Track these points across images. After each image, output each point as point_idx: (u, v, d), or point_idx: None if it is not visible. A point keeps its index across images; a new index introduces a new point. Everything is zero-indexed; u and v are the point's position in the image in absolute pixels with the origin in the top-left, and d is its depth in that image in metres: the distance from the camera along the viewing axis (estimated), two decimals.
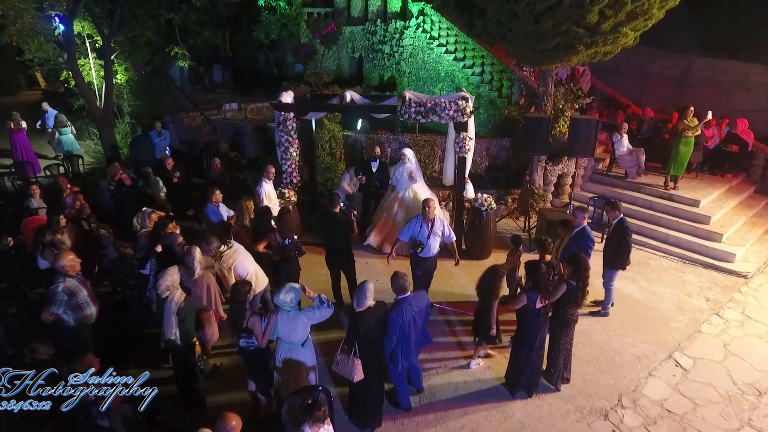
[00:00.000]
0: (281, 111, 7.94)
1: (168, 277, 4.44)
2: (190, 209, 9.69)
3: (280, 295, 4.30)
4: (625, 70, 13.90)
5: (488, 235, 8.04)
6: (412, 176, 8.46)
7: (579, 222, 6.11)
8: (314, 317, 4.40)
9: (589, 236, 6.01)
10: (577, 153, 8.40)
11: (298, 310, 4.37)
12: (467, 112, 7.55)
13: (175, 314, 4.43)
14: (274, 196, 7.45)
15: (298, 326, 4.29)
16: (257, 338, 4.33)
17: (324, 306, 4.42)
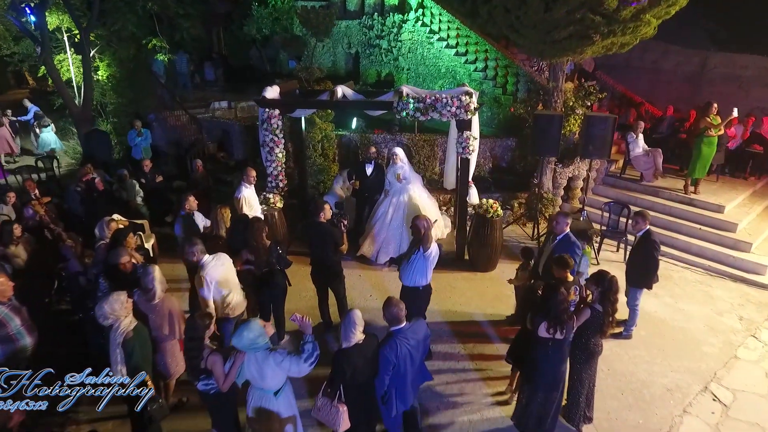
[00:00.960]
0: (265, 108, 7.18)
1: (108, 304, 3.67)
2: (168, 215, 8.93)
3: (242, 332, 3.45)
4: (636, 66, 13.15)
5: (494, 244, 7.27)
6: (401, 178, 7.68)
7: (561, 229, 5.36)
8: (284, 366, 3.47)
9: (575, 243, 5.26)
10: (592, 154, 7.63)
11: (268, 351, 3.53)
12: (471, 108, 6.79)
13: (120, 347, 3.66)
14: (255, 202, 6.68)
15: (266, 372, 3.48)
16: (217, 381, 3.56)
17: (303, 358, 3.45)
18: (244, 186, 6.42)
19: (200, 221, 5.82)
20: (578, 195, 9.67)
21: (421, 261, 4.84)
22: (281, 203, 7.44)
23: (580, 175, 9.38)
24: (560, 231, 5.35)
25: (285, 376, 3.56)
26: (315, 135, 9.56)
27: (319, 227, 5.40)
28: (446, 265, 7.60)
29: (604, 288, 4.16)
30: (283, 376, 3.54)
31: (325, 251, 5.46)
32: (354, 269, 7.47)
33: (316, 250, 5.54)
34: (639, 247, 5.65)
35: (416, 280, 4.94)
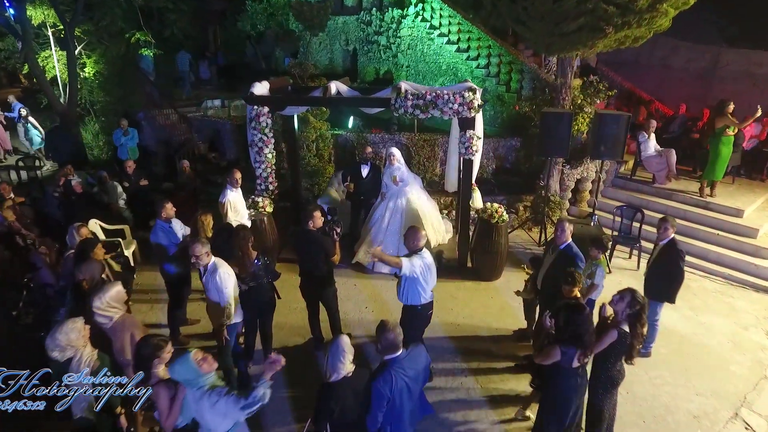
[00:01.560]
0: (253, 105, 6.67)
1: (62, 333, 3.17)
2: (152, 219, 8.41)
3: (174, 366, 2.94)
4: (644, 63, 12.65)
5: (499, 251, 6.77)
6: (398, 181, 7.18)
7: (562, 239, 4.84)
8: (219, 410, 2.87)
9: (577, 255, 4.76)
10: (604, 155, 7.13)
11: (203, 391, 2.92)
12: (475, 105, 6.29)
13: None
14: (242, 207, 6.18)
15: (204, 414, 2.92)
16: (160, 416, 3.05)
17: (242, 404, 2.86)
18: (229, 189, 5.92)
19: (179, 229, 5.31)
20: (587, 198, 9.18)
21: (405, 280, 4.36)
22: (271, 207, 6.94)
23: (588, 176, 8.88)
24: (561, 241, 4.83)
25: (232, 419, 2.99)
26: (309, 134, 9.07)
27: (308, 236, 4.90)
28: (448, 273, 7.11)
29: (634, 309, 3.65)
30: (227, 419, 2.97)
31: (316, 262, 4.96)
32: (349, 278, 6.97)
33: (306, 261, 5.05)
34: (662, 257, 5.14)
35: (409, 299, 4.45)
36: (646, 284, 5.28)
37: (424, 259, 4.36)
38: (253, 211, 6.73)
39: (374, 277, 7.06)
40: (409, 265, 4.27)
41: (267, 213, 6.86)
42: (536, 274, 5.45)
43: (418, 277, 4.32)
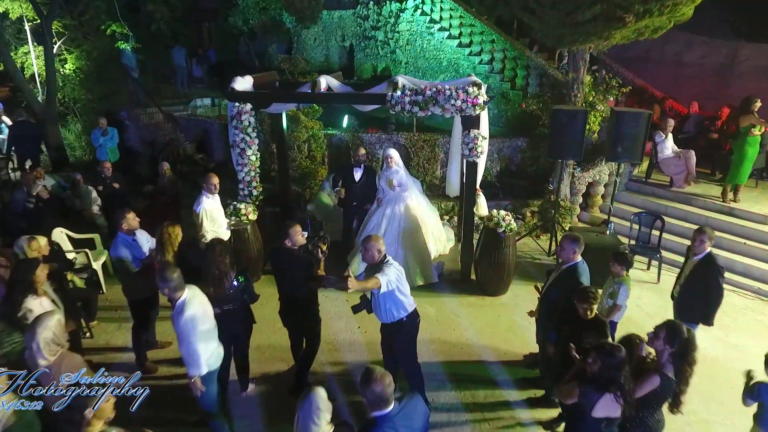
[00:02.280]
0: (234, 102, 6.04)
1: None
2: None
3: None
4: (656, 58, 12.00)
5: (506, 264, 6.13)
6: (395, 185, 6.55)
7: (569, 256, 4.14)
8: None
9: (583, 274, 4.07)
10: (621, 157, 6.47)
11: None
12: (480, 102, 5.65)
13: None
14: (220, 215, 5.53)
15: None
16: None
17: None
18: (205, 196, 5.27)
19: (145, 242, 4.66)
20: (599, 203, 8.54)
21: (383, 297, 3.80)
22: (255, 214, 6.30)
23: (601, 180, 8.24)
24: (569, 259, 4.15)
25: None
26: (299, 134, 8.44)
27: (286, 256, 4.24)
28: (449, 286, 6.48)
29: (679, 347, 3.01)
30: None
31: (296, 286, 4.30)
32: (340, 294, 6.31)
33: (284, 284, 4.38)
34: (697, 273, 4.48)
35: (394, 313, 3.91)
36: (678, 304, 4.63)
37: (393, 264, 3.83)
38: (235, 219, 6.09)
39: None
40: (386, 281, 3.68)
41: (250, 221, 6.22)
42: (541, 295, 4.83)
43: (394, 288, 3.76)
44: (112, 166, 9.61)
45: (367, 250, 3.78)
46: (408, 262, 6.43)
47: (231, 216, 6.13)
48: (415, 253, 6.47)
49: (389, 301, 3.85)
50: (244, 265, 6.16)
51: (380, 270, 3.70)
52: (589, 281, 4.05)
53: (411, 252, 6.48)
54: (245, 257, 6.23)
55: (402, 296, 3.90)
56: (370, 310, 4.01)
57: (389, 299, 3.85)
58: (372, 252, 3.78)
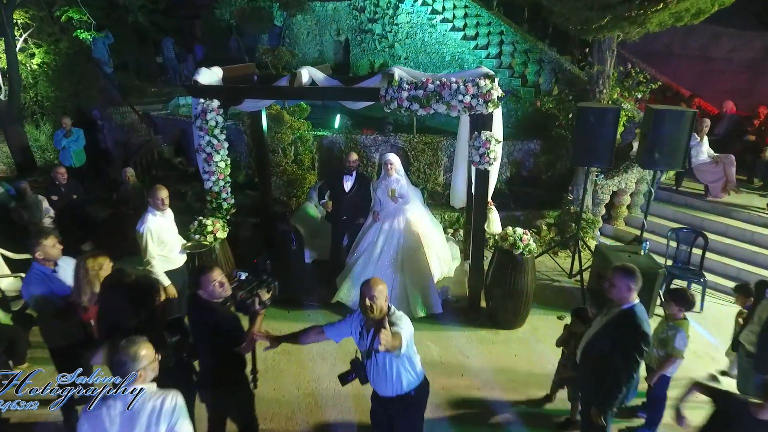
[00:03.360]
0: (198, 98, 5.03)
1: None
2: (86, 242, 6.79)
3: None
4: (679, 53, 10.98)
5: (524, 292, 5.12)
6: (397, 196, 5.57)
7: (623, 295, 3.03)
8: None
9: (643, 330, 2.95)
10: (659, 164, 5.45)
11: None
12: (493, 98, 4.64)
13: None
14: (171, 236, 4.48)
15: None
16: None
17: None
18: (151, 214, 4.25)
19: (70, 274, 3.63)
20: (623, 214, 7.54)
21: (391, 361, 2.82)
22: (224, 232, 5.29)
23: (627, 188, 7.23)
24: (621, 299, 3.07)
25: None
26: (284, 136, 7.44)
27: (202, 311, 3.01)
28: (455, 317, 5.47)
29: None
30: None
31: (214, 352, 3.09)
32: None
33: (203, 351, 3.17)
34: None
35: (404, 383, 2.91)
36: (761, 360, 3.59)
37: (405, 317, 2.88)
38: (199, 238, 5.08)
39: None
40: (405, 341, 2.73)
41: (219, 240, 5.21)
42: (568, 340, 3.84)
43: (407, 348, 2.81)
44: (76, 171, 8.77)
45: (371, 298, 2.74)
46: (407, 289, 5.44)
47: (195, 233, 5.13)
48: (416, 278, 5.47)
49: (399, 365, 2.85)
50: None
51: (394, 324, 2.71)
52: (650, 328, 3.04)
53: (411, 276, 5.48)
54: None
55: (414, 358, 2.95)
56: (365, 379, 2.98)
57: (399, 363, 2.85)
58: (379, 301, 2.75)
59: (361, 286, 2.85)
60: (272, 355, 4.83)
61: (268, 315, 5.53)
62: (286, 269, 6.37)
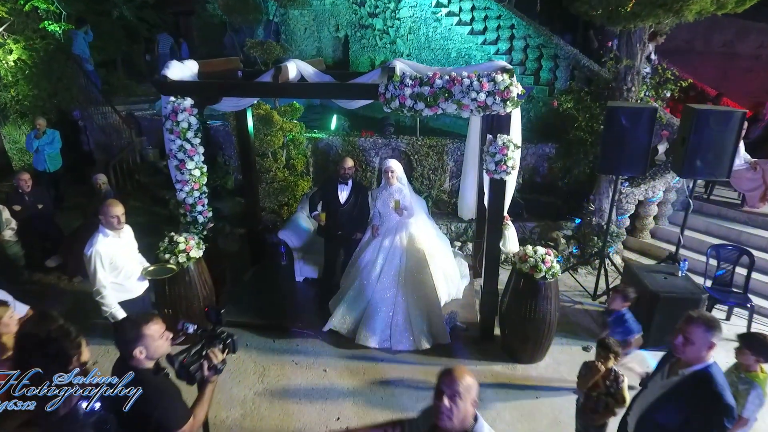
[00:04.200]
0: (168, 95, 4.33)
1: None
2: (52, 257, 6.11)
3: None
4: (701, 49, 10.26)
5: (546, 321, 4.40)
6: (401, 208, 4.87)
7: (699, 355, 2.31)
8: None
9: (725, 401, 2.21)
10: (702, 172, 4.73)
11: None
12: (512, 95, 3.93)
13: None
14: (126, 261, 3.75)
15: None
16: None
17: None
18: (102, 234, 3.55)
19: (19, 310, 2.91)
20: (649, 226, 6.80)
21: None
22: (200, 250, 4.59)
23: (654, 198, 6.50)
24: (695, 358, 2.32)
25: None
26: (274, 139, 6.73)
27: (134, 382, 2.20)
28: (465, 348, 4.76)
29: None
30: None
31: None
32: (318, 358, 4.61)
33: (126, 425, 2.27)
34: None
35: None
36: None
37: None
38: (170, 257, 4.37)
39: (358, 356, 4.68)
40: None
41: (193, 260, 4.51)
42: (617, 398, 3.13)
43: None
44: (51, 176, 8.09)
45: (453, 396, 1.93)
46: (410, 316, 4.73)
47: (165, 252, 4.43)
48: (421, 303, 4.76)
49: None
50: None
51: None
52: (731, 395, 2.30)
53: (415, 301, 4.77)
54: (185, 310, 4.53)
55: None
56: None
57: None
58: (463, 405, 1.94)
59: (439, 376, 2.02)
60: (252, 397, 4.13)
61: (252, 345, 4.87)
62: (273, 288, 5.68)
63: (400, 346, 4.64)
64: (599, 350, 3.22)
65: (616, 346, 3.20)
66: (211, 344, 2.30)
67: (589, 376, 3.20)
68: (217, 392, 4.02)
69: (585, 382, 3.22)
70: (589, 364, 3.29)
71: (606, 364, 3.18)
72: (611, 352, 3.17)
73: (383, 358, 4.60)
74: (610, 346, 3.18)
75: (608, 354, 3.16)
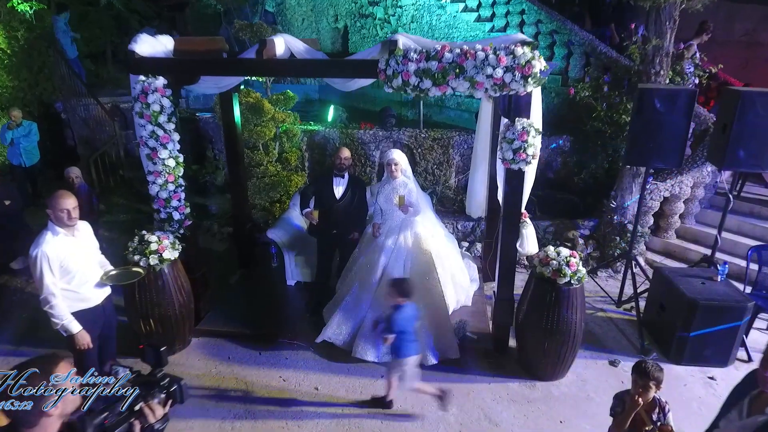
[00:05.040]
0: (138, 74, 3.78)
1: None
2: (18, 259, 5.57)
3: None
4: (720, 39, 9.67)
5: (569, 332, 3.83)
6: (406, 204, 4.32)
7: None
8: None
9: None
10: (746, 163, 4.15)
11: None
12: (535, 71, 3.37)
13: None
14: (84, 264, 3.18)
15: None
16: None
17: None
18: (50, 232, 2.99)
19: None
20: (675, 225, 6.24)
21: None
22: (175, 251, 4.04)
23: (681, 194, 5.94)
24: None
25: None
26: (266, 130, 6.18)
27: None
28: (476, 363, 4.20)
29: None
30: None
31: None
32: (309, 373, 4.06)
33: None
34: None
35: None
36: None
37: None
38: (141, 260, 3.82)
39: (355, 371, 4.12)
40: None
41: (166, 262, 3.95)
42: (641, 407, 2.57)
43: None
44: (27, 171, 7.56)
45: None
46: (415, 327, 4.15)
47: (134, 254, 3.88)
48: (428, 312, 4.19)
49: None
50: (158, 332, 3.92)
51: None
52: None
53: (422, 309, 4.19)
54: (159, 317, 3.98)
55: None
56: None
57: None
58: None
59: None
60: (231, 422, 3.57)
61: (234, 359, 4.31)
62: (262, 294, 5.13)
63: None
64: (637, 377, 2.63)
65: (657, 371, 2.62)
66: (147, 395, 1.71)
67: (627, 413, 2.61)
68: (188, 417, 3.49)
69: (623, 422, 2.62)
70: (623, 397, 2.70)
71: (646, 395, 2.59)
72: (651, 380, 2.59)
73: (383, 374, 4.03)
74: (650, 373, 2.60)
75: (648, 382, 2.58)
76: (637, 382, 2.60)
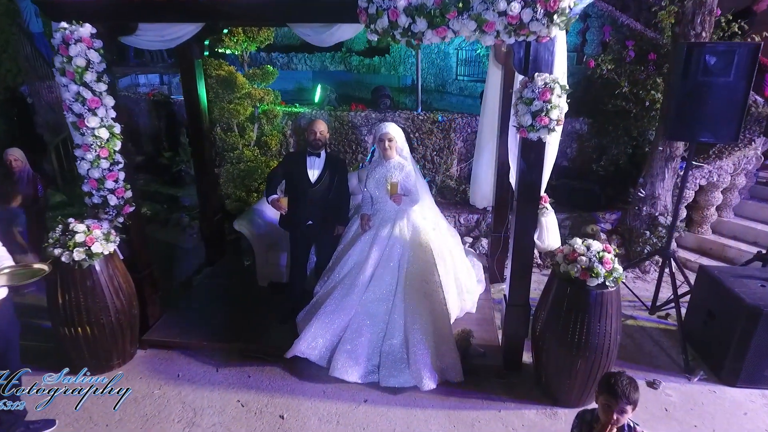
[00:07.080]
0: (59, 20, 2.99)
1: None
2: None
3: None
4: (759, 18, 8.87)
5: (602, 346, 3.02)
6: (400, 193, 3.51)
7: None
8: None
9: None
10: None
11: None
12: (562, 7, 2.56)
13: None
14: None
15: None
16: None
17: None
18: None
19: None
20: (711, 218, 5.42)
21: None
22: (110, 244, 3.25)
23: (720, 183, 5.12)
24: None
25: None
26: (240, 108, 5.39)
27: None
28: (484, 385, 3.39)
29: None
30: None
31: None
32: (274, 397, 3.26)
33: None
34: None
35: None
36: None
37: None
38: (63, 254, 3.04)
39: (331, 394, 3.32)
40: None
41: (98, 256, 3.17)
42: None
43: None
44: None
45: None
46: (411, 341, 3.34)
47: (54, 246, 3.10)
48: (427, 323, 3.37)
49: None
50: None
51: None
52: None
53: (419, 319, 3.38)
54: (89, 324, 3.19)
55: None
56: None
57: None
58: None
59: None
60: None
61: (185, 377, 3.50)
62: (227, 296, 4.35)
63: (391, 381, 3.28)
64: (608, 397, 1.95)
65: (633, 390, 1.94)
66: None
67: None
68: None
69: None
70: (588, 419, 2.13)
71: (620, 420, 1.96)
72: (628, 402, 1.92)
73: (368, 397, 3.24)
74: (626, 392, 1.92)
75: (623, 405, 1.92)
76: (609, 404, 1.95)
